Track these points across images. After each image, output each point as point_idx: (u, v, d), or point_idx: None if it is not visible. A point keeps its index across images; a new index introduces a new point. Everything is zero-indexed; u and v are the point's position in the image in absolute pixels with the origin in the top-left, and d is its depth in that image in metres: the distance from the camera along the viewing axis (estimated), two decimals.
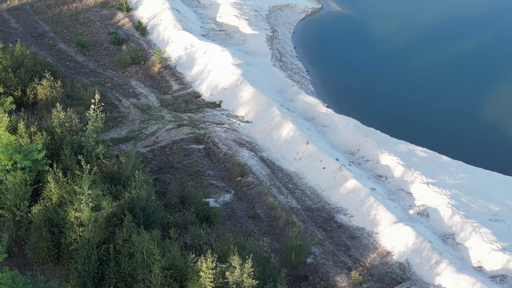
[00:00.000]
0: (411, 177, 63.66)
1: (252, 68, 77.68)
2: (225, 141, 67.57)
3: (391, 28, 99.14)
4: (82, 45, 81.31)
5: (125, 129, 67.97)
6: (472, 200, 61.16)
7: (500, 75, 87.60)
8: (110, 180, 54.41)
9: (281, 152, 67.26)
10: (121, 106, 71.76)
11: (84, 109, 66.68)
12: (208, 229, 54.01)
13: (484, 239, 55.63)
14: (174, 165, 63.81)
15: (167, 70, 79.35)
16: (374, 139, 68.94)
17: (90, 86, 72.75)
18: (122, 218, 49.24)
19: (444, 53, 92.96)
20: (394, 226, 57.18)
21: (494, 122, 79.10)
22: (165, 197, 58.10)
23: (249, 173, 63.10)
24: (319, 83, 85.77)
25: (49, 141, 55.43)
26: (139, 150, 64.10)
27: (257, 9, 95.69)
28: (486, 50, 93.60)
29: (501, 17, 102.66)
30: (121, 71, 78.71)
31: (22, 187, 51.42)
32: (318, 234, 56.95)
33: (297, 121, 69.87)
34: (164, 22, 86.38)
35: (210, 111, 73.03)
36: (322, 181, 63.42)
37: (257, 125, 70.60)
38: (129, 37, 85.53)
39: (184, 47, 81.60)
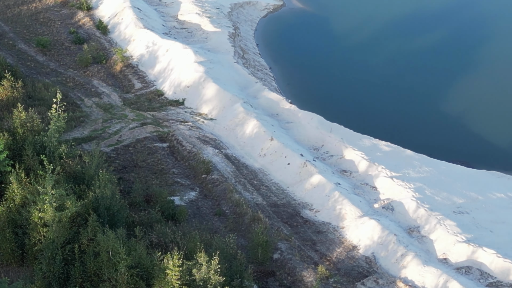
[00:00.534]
0: (376, 171, 63.94)
1: (215, 65, 77.45)
2: (189, 139, 67.28)
3: (353, 24, 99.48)
4: (42, 45, 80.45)
5: (87, 129, 67.39)
6: (436, 193, 61.59)
7: (461, 69, 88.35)
8: (74, 179, 53.82)
9: (246, 148, 67.16)
10: (83, 106, 71.14)
11: (45, 109, 65.93)
12: (174, 227, 53.67)
13: (448, 231, 56.03)
14: (138, 164, 63.40)
15: (129, 69, 78.82)
16: (338, 134, 69.15)
17: (52, 86, 72.02)
18: (87, 218, 48.70)
19: (406, 48, 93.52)
20: (359, 220, 57.36)
21: (456, 116, 79.75)
22: (129, 196, 57.67)
23: (214, 171, 62.92)
24: (282, 80, 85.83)
25: (11, 142, 54.72)
26: (102, 149, 63.48)
27: (218, 7, 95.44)
28: (447, 44, 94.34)
29: (462, 11, 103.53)
30: (83, 71, 78.05)
31: None
32: (284, 229, 56.93)
33: (261, 118, 69.82)
34: (125, 20, 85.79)
35: (173, 109, 72.69)
36: (287, 177, 63.42)
37: (221, 122, 70.39)
38: (90, 36, 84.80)
39: (146, 45, 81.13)
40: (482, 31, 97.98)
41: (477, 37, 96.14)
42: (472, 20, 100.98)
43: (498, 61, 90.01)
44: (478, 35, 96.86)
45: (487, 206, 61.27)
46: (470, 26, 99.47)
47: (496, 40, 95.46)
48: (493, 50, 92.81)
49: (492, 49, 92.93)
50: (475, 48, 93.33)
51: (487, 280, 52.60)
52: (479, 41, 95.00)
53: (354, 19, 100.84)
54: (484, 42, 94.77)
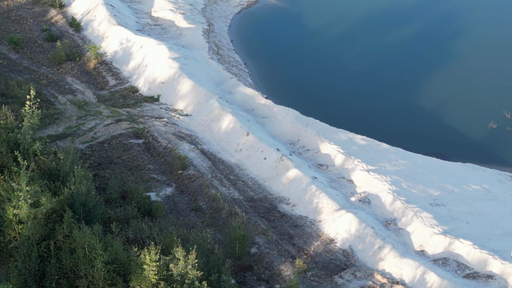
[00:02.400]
0: (352, 165, 63.98)
1: (189, 61, 77.15)
2: (165, 135, 66.95)
3: (327, 19, 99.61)
4: (15, 43, 79.69)
5: (62, 126, 66.84)
6: (412, 185, 61.74)
7: (436, 61, 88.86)
8: (49, 176, 53.23)
9: (222, 144, 66.94)
10: (57, 103, 70.56)
11: (19, 107, 65.25)
12: (150, 223, 53.31)
13: (425, 223, 56.19)
14: (114, 160, 62.98)
15: (103, 66, 78.27)
16: (314, 128, 69.13)
17: (25, 83, 71.18)
18: (62, 214, 48.17)
19: (379, 42, 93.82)
20: (336, 213, 57.35)
21: (431, 108, 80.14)
22: (105, 193, 57.22)
23: (190, 166, 62.64)
24: (257, 76, 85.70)
25: None
26: (77, 146, 63.07)
27: (192, 3, 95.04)
28: (421, 37, 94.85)
29: (436, 4, 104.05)
30: (56, 68, 77.42)
31: None
32: (261, 224, 56.80)
33: (237, 113, 69.62)
34: (98, 17, 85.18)
35: (148, 105, 72.28)
36: (263, 172, 63.30)
37: (196, 118, 70.11)
38: (63, 34, 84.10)
39: (120, 42, 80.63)
40: (456, 24, 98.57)
41: (451, 30, 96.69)
42: (446, 13, 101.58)
43: (472, 54, 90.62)
44: (452, 28, 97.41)
45: (463, 198, 61.51)
46: (444, 19, 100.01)
47: (470, 33, 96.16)
48: (467, 42, 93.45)
49: (466, 42, 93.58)
50: (449, 41, 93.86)
51: (464, 271, 52.80)
52: (453, 34, 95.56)
53: (328, 14, 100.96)
54: (458, 35, 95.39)
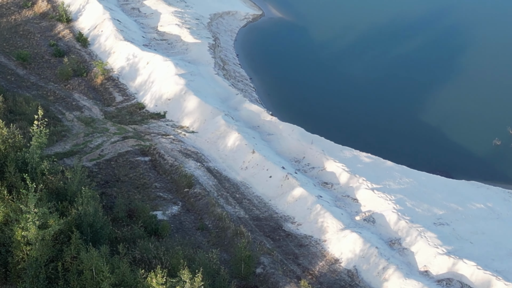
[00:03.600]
0: (357, 183, 64.44)
1: (195, 77, 77.68)
2: (171, 152, 67.49)
3: (331, 33, 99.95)
4: (22, 58, 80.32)
5: (69, 143, 67.40)
6: (417, 204, 62.16)
7: (440, 78, 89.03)
8: (56, 196, 53.90)
9: (228, 161, 67.44)
10: (64, 120, 71.15)
11: (27, 124, 66.09)
12: (157, 243, 53.86)
13: (429, 243, 56.61)
14: (121, 178, 63.52)
15: (110, 82, 78.84)
16: (319, 146, 69.58)
17: (33, 100, 71.95)
18: (70, 235, 48.80)
19: (384, 56, 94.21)
20: (341, 233, 57.81)
21: (435, 124, 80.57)
22: (112, 212, 57.76)
23: (196, 184, 63.17)
24: (263, 91, 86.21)
25: None
26: (84, 164, 63.67)
27: (198, 18, 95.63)
28: (425, 53, 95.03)
29: (440, 21, 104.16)
30: (64, 84, 77.98)
31: None
32: (266, 243, 57.28)
33: (243, 130, 70.12)
34: (105, 32, 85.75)
35: (155, 122, 72.84)
36: (269, 190, 63.78)
37: (202, 135, 70.63)
38: (70, 49, 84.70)
39: (127, 57, 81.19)
40: (460, 41, 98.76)
41: (455, 47, 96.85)
42: (450, 30, 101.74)
43: (476, 71, 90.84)
44: (456, 45, 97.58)
45: (467, 217, 61.93)
46: (448, 36, 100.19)
47: (474, 50, 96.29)
48: (471, 60, 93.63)
49: (470, 59, 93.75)
50: (453, 58, 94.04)
51: None
52: (457, 51, 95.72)
53: (334, 27, 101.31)
54: (462, 52, 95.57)
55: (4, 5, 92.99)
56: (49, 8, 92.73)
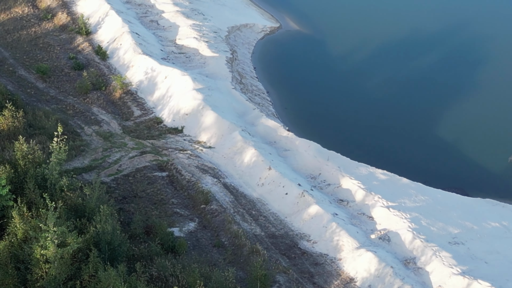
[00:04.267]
0: (372, 201, 64.80)
1: (213, 92, 78.28)
2: (188, 167, 68.09)
3: (349, 46, 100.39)
4: (42, 72, 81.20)
5: (88, 158, 68.16)
6: (432, 223, 62.44)
7: (456, 93, 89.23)
8: (75, 212, 54.67)
9: (244, 177, 67.95)
10: (83, 134, 71.93)
11: (46, 138, 66.99)
12: (174, 260, 54.45)
13: (444, 263, 56.90)
14: (138, 194, 64.17)
15: (129, 96, 79.58)
16: (335, 162, 69.97)
17: (52, 114, 72.78)
18: (88, 253, 49.53)
19: (400, 71, 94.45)
20: (356, 252, 58.19)
21: (450, 140, 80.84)
22: (129, 228, 58.40)
23: (213, 201, 63.72)
24: (280, 104, 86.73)
25: (13, 175, 55.52)
26: (102, 179, 64.35)
27: (216, 30, 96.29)
28: (441, 67, 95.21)
29: (456, 33, 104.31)
30: (82, 98, 78.79)
31: None
32: (282, 261, 57.75)
33: (259, 146, 70.62)
34: (124, 46, 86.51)
35: (172, 137, 73.47)
36: (285, 207, 64.24)
37: (219, 150, 71.19)
38: (89, 62, 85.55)
39: (145, 71, 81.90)
40: (477, 55, 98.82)
41: (472, 62, 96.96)
42: (467, 44, 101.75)
43: (493, 86, 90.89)
44: (473, 60, 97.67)
45: (482, 236, 62.17)
46: (465, 50, 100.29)
47: (490, 65, 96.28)
48: (487, 75, 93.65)
49: (487, 75, 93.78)
50: (469, 73, 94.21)
51: None
52: (473, 66, 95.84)
53: (350, 41, 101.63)
54: (479, 67, 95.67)
55: (24, 17, 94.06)
56: (69, 20, 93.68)
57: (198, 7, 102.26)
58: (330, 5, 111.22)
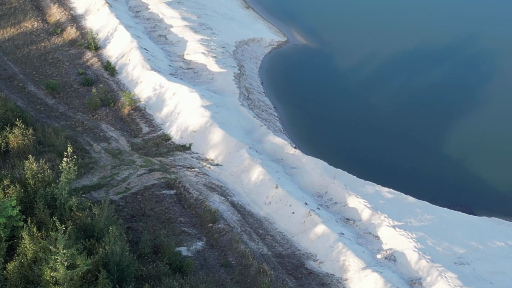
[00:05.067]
0: (378, 220, 65.29)
1: (220, 109, 78.88)
2: (196, 185, 68.69)
3: (356, 61, 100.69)
4: (52, 88, 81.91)
5: (97, 176, 68.82)
6: (438, 243, 62.91)
7: (463, 109, 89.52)
8: (84, 232, 55.42)
9: (251, 196, 68.51)
10: (92, 151, 72.61)
11: (56, 156, 67.71)
12: (181, 280, 54.96)
13: (449, 283, 57.38)
14: (146, 213, 64.78)
15: (137, 112, 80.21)
16: (342, 181, 70.50)
17: (61, 131, 73.48)
18: (97, 275, 50.24)
19: (408, 86, 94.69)
20: (362, 272, 58.69)
21: (456, 157, 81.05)
22: (138, 247, 59.02)
23: (220, 219, 64.30)
24: (287, 120, 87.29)
25: (23, 194, 56.29)
26: (111, 197, 65.10)
27: (224, 45, 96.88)
28: (449, 83, 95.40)
29: (464, 48, 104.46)
30: (91, 114, 79.49)
31: None
32: (289, 282, 58.27)
33: (266, 164, 71.19)
34: (132, 61, 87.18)
35: (180, 154, 74.10)
36: (292, 226, 64.79)
37: (227, 168, 71.77)
38: (98, 78, 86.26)
39: (153, 87, 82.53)
40: (485, 69, 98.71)
41: (479, 76, 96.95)
42: (476, 59, 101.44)
43: (500, 101, 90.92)
44: (481, 73, 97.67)
45: (487, 256, 62.63)
46: (474, 65, 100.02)
47: (499, 79, 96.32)
48: (495, 89, 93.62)
49: (495, 89, 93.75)
50: (477, 88, 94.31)
51: None
52: (481, 80, 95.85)
53: (357, 55, 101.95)
54: (487, 81, 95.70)
55: (34, 31, 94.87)
56: (78, 35, 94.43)
57: (206, 22, 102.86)
58: (337, 19, 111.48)
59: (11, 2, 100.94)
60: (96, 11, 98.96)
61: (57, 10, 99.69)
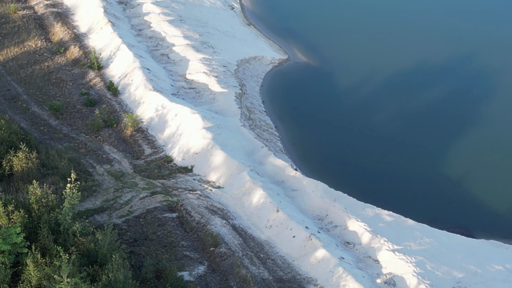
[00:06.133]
0: (378, 244, 66.03)
1: (222, 130, 79.65)
2: (198, 208, 69.46)
3: (357, 78, 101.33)
4: (55, 109, 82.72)
5: (99, 199, 69.61)
6: (437, 267, 63.65)
7: (461, 129, 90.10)
8: (87, 257, 56.15)
9: (252, 219, 69.28)
10: (95, 174, 73.41)
11: (59, 179, 68.60)
12: None
13: None
14: (149, 236, 65.54)
15: (140, 133, 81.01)
16: (342, 203, 71.26)
17: (65, 153, 74.32)
18: None
19: (409, 106, 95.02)
20: None
21: (455, 178, 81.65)
22: (140, 272, 59.78)
23: (222, 243, 65.05)
24: (288, 139, 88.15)
25: (27, 220, 57.04)
26: (114, 221, 65.88)
27: (225, 64, 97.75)
28: (450, 103, 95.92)
29: (465, 67, 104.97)
30: (94, 135, 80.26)
31: (1, 271, 52.89)
32: None
33: (267, 187, 71.94)
34: (135, 82, 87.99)
35: (182, 176, 74.87)
36: (292, 250, 65.52)
37: (228, 191, 72.54)
38: (101, 98, 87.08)
39: (156, 108, 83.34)
40: (485, 89, 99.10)
41: (479, 97, 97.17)
42: (476, 78, 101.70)
43: (499, 123, 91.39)
44: (481, 94, 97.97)
45: (486, 280, 63.37)
46: (473, 84, 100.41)
47: (498, 100, 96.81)
48: (495, 110, 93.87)
49: (494, 110, 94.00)
50: (476, 108, 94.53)
51: None
52: (481, 101, 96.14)
53: (358, 74, 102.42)
54: (486, 102, 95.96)
55: (37, 51, 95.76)
56: (81, 54, 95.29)
57: (208, 40, 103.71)
58: (337, 36, 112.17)
59: (14, 21, 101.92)
60: (99, 30, 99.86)
61: (60, 28, 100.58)
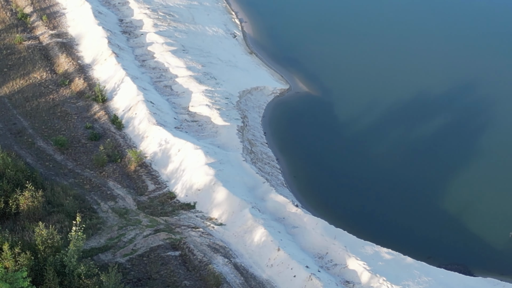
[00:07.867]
0: (377, 283, 67.26)
1: (224, 166, 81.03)
2: (200, 246, 70.73)
3: (357, 109, 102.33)
4: (60, 144, 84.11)
5: (104, 237, 70.92)
6: None
7: (459, 164, 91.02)
8: None
9: (254, 257, 70.51)
10: (99, 211, 74.77)
11: (64, 217, 70.00)
12: None
13: None
14: (152, 276, 66.78)
15: (143, 168, 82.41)
16: (342, 241, 72.53)
17: (70, 189, 75.70)
18: None
19: (408, 138, 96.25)
20: None
21: (452, 213, 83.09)
22: None
23: (224, 283, 66.27)
24: (289, 172, 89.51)
25: (33, 262, 58.37)
26: (118, 260, 67.17)
27: (227, 96, 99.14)
28: (447, 135, 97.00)
29: (463, 99, 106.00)
30: (99, 171, 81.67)
31: None
32: None
33: (269, 224, 73.22)
34: (139, 115, 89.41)
35: (185, 213, 76.20)
36: None
37: (230, 228, 73.82)
38: (106, 132, 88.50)
39: (159, 143, 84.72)
40: (483, 122, 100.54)
41: (476, 130, 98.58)
42: (475, 109, 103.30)
43: (495, 159, 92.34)
44: (478, 127, 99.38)
45: None
46: (473, 116, 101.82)
47: (496, 134, 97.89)
48: (491, 144, 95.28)
49: (491, 143, 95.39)
50: (473, 142, 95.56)
51: None
52: (478, 134, 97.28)
53: (358, 102, 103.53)
54: (483, 135, 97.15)
55: (42, 83, 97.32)
56: (86, 86, 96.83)
57: (211, 71, 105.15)
58: (339, 66, 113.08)
59: (20, 52, 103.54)
60: (103, 61, 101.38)
61: (65, 59, 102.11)
